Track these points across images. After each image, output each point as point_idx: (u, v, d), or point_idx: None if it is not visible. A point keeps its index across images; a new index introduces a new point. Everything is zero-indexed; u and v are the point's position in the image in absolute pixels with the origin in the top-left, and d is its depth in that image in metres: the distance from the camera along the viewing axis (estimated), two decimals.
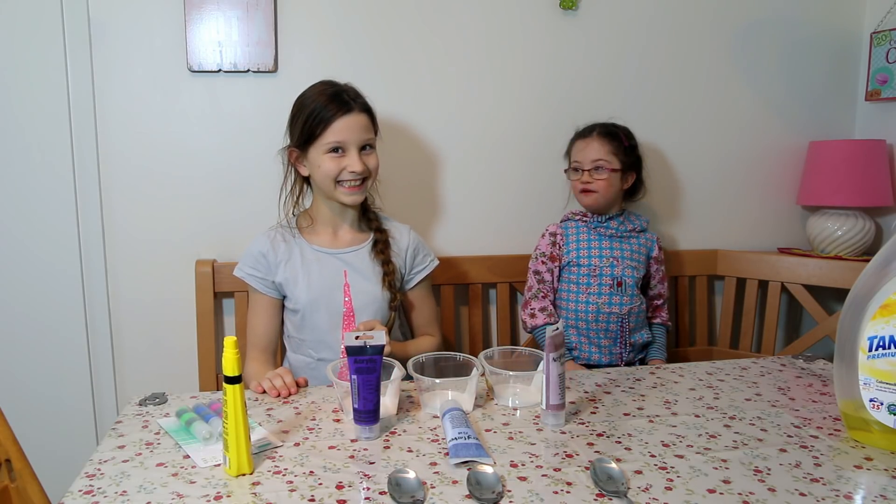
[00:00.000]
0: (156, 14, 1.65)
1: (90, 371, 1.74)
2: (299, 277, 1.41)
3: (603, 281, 1.62)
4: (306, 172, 1.44)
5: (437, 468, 0.91)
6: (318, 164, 1.39)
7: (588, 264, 1.64)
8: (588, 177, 1.63)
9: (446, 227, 1.89)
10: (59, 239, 1.69)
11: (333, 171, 1.38)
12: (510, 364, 1.23)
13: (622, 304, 1.62)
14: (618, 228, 1.67)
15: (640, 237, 1.69)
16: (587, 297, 1.63)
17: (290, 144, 1.44)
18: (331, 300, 1.41)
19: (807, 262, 1.87)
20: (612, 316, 1.62)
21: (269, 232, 1.46)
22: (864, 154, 1.88)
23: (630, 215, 1.71)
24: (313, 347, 1.43)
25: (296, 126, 1.41)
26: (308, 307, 1.41)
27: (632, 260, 1.65)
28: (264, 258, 1.42)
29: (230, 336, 0.89)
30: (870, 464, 0.94)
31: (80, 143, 1.66)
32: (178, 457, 0.94)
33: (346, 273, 1.43)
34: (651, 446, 0.98)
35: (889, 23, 1.96)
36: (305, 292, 1.41)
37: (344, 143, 1.37)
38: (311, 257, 1.43)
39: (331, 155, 1.37)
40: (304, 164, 1.43)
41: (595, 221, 1.68)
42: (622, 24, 1.89)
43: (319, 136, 1.37)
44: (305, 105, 1.40)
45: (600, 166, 1.62)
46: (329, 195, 1.42)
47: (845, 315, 1.00)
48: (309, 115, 1.38)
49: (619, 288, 1.62)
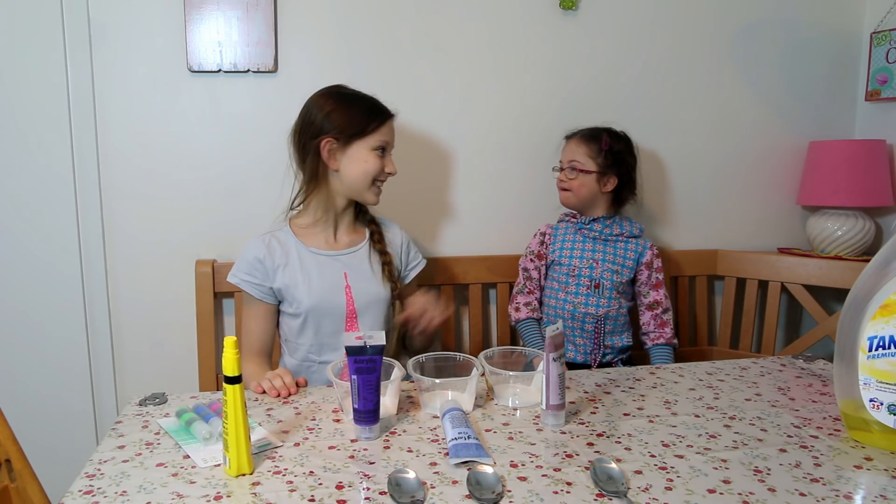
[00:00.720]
0: (156, 14, 1.65)
1: (90, 371, 1.74)
2: (299, 282, 1.39)
3: (581, 281, 1.66)
4: (337, 167, 1.39)
5: (437, 468, 0.91)
6: (362, 159, 1.39)
7: (569, 264, 1.68)
8: (563, 175, 1.71)
9: (446, 227, 1.89)
10: (59, 238, 1.69)
11: (376, 170, 1.40)
12: (510, 364, 1.23)
13: (598, 306, 1.64)
14: (601, 231, 1.69)
15: (630, 242, 1.69)
16: (565, 295, 1.67)
17: (328, 134, 1.37)
18: (333, 303, 1.40)
19: (807, 262, 1.87)
20: (588, 317, 1.64)
21: (264, 236, 1.43)
22: (864, 154, 1.88)
23: (622, 220, 1.72)
24: (315, 351, 1.43)
25: (340, 116, 1.37)
26: (310, 312, 1.40)
27: (614, 263, 1.66)
28: (260, 263, 1.40)
29: (230, 336, 0.89)
30: (870, 464, 0.94)
31: (80, 143, 1.66)
32: (178, 457, 0.94)
33: (347, 275, 1.42)
34: (651, 446, 0.98)
35: (889, 23, 1.96)
36: (307, 297, 1.39)
37: (388, 144, 1.43)
38: (310, 261, 1.42)
39: (376, 153, 1.40)
40: (337, 158, 1.39)
41: (580, 223, 1.71)
42: (622, 25, 1.89)
43: (372, 132, 1.38)
44: (355, 97, 1.41)
45: (573, 167, 1.68)
46: (356, 193, 1.43)
47: (845, 315, 1.00)
48: (365, 107, 1.39)
49: (597, 290, 1.65)
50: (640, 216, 1.97)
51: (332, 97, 1.41)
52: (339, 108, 1.39)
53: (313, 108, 1.41)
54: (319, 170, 1.41)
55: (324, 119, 1.39)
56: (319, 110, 1.40)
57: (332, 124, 1.38)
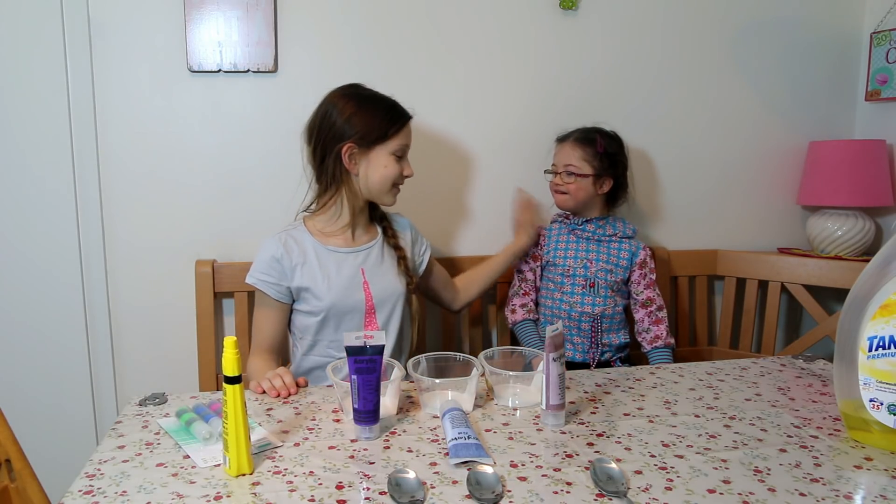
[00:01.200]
0: (156, 14, 1.65)
1: (90, 371, 1.74)
2: (318, 280, 1.40)
3: (576, 281, 1.67)
4: (357, 171, 1.40)
5: (437, 468, 0.91)
6: (383, 164, 1.39)
7: (563, 264, 1.69)
8: (559, 179, 1.70)
9: (446, 227, 1.89)
10: (59, 238, 1.69)
11: (396, 174, 1.41)
12: (510, 364, 1.23)
13: (594, 305, 1.65)
14: (594, 231, 1.69)
15: (623, 243, 1.70)
16: (561, 295, 1.68)
17: (350, 139, 1.36)
18: (353, 300, 1.41)
19: (807, 262, 1.87)
20: (585, 315, 1.65)
21: (280, 235, 1.42)
22: (864, 154, 1.88)
23: (616, 221, 1.72)
24: (334, 347, 1.43)
25: (361, 121, 1.36)
26: (331, 309, 1.40)
27: (607, 263, 1.67)
28: (278, 263, 1.39)
29: (230, 336, 0.89)
30: (870, 464, 0.94)
31: (80, 143, 1.66)
32: (178, 457, 0.94)
33: (364, 271, 1.43)
34: (651, 446, 0.98)
35: (889, 23, 1.96)
36: (326, 295, 1.39)
37: (407, 147, 1.43)
38: (328, 259, 1.42)
39: (395, 157, 1.40)
40: (358, 162, 1.39)
41: (573, 223, 1.72)
42: (622, 24, 1.89)
43: (393, 136, 1.39)
44: (375, 99, 1.40)
45: (570, 171, 1.67)
46: (376, 196, 1.44)
47: (845, 315, 1.00)
48: (385, 111, 1.38)
49: (592, 289, 1.66)
50: (639, 216, 1.98)
51: (353, 99, 1.39)
52: (360, 111, 1.37)
53: (333, 111, 1.39)
54: (340, 174, 1.40)
55: (345, 123, 1.37)
56: (340, 114, 1.38)
57: (353, 129, 1.37)
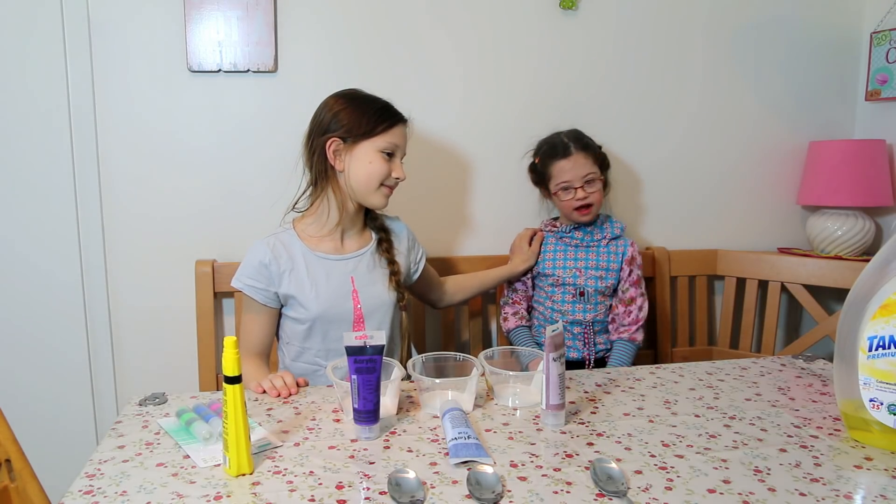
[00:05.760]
0: (156, 14, 1.65)
1: (90, 371, 1.74)
2: (306, 288, 1.37)
3: (566, 290, 1.67)
4: (342, 167, 1.37)
5: (437, 468, 0.91)
6: (367, 160, 1.36)
7: (553, 275, 1.69)
8: (583, 192, 1.63)
9: (446, 226, 1.89)
10: (59, 238, 1.69)
11: (382, 172, 1.37)
12: (510, 364, 1.23)
13: (585, 312, 1.66)
14: (583, 238, 1.68)
15: (612, 244, 1.68)
16: (552, 304, 1.69)
17: (334, 133, 1.35)
18: (341, 309, 1.39)
19: (807, 262, 1.87)
20: (576, 323, 1.66)
21: (269, 239, 1.39)
22: (863, 154, 1.88)
23: (603, 223, 1.71)
24: (321, 356, 1.41)
25: (348, 116, 1.35)
26: (318, 318, 1.38)
27: (597, 269, 1.66)
28: (266, 268, 1.36)
29: (230, 336, 0.89)
30: (870, 464, 0.94)
31: (79, 143, 1.66)
32: (178, 457, 0.94)
33: (353, 280, 1.41)
34: (651, 446, 0.98)
35: (889, 23, 1.96)
36: (314, 303, 1.37)
37: (398, 148, 1.40)
38: (317, 266, 1.39)
39: (382, 155, 1.37)
40: (342, 158, 1.37)
41: (560, 231, 1.71)
42: (622, 24, 1.89)
43: (381, 133, 1.36)
44: (367, 99, 1.39)
45: (592, 179, 1.64)
46: (361, 196, 1.39)
47: (845, 315, 1.00)
48: (375, 109, 1.37)
49: (582, 297, 1.66)
50: (639, 216, 1.98)
51: (344, 98, 1.39)
52: (349, 108, 1.37)
53: (324, 109, 1.39)
54: (325, 170, 1.38)
55: (332, 119, 1.36)
56: (329, 111, 1.38)
57: (339, 123, 1.36)
